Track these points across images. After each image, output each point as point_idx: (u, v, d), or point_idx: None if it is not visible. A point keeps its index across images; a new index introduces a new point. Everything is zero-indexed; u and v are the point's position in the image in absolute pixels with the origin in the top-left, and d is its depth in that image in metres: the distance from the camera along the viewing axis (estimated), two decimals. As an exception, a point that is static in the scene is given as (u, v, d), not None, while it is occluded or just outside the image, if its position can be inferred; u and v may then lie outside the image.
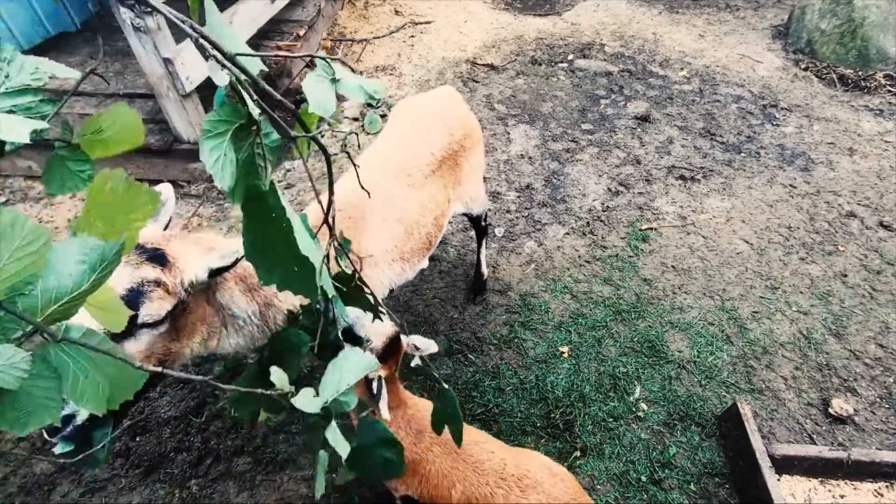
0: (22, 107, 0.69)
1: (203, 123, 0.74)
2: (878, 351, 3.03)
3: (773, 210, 3.97)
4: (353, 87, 0.91)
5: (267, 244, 0.84)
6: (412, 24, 6.46)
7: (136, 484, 2.43)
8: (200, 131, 0.73)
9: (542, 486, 1.77)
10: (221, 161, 0.74)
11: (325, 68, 0.89)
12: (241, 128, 0.77)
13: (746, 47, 6.01)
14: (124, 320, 0.78)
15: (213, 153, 0.74)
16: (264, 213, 0.82)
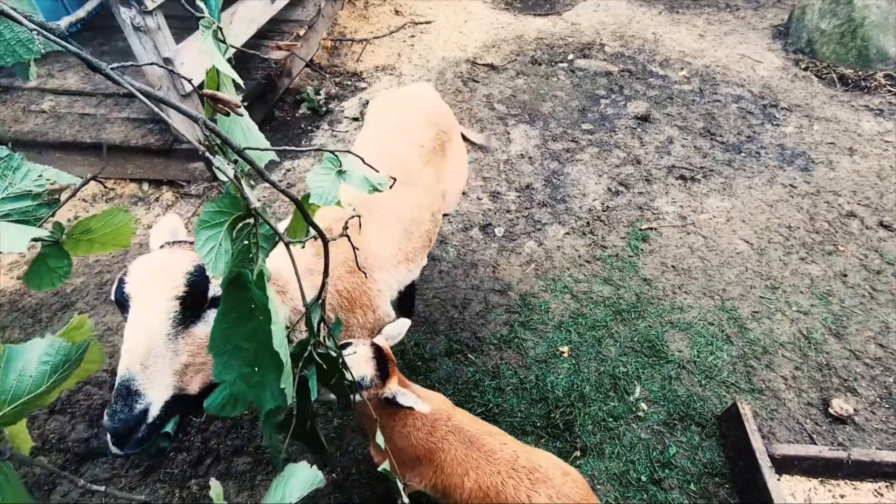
0: (19, 210, 0.71)
1: (202, 213, 0.75)
2: (878, 351, 3.03)
3: (773, 210, 3.97)
4: (359, 179, 0.91)
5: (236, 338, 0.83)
6: (412, 23, 6.46)
7: (136, 484, 2.43)
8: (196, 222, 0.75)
9: (553, 482, 1.76)
10: (216, 251, 0.75)
11: (332, 160, 0.90)
12: (238, 219, 0.78)
13: (746, 47, 6.01)
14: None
15: (208, 243, 0.75)
16: (244, 303, 0.81)
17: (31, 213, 0.72)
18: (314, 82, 5.29)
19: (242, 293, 0.81)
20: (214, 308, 1.31)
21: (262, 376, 0.83)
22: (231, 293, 0.81)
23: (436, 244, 3.67)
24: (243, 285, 0.80)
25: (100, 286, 3.30)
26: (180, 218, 3.79)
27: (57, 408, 2.68)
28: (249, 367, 0.83)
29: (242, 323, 0.81)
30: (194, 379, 1.27)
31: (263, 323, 0.79)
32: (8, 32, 0.69)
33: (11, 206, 0.70)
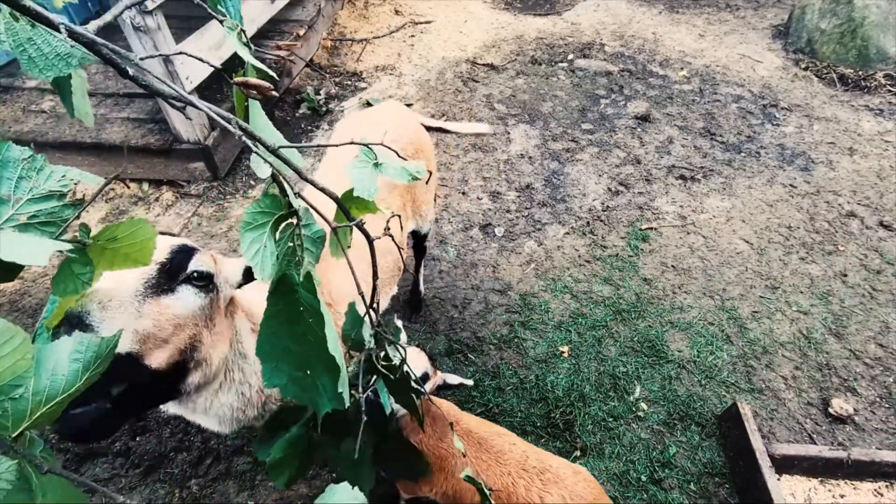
0: (45, 212, 0.70)
1: (244, 215, 0.75)
2: (878, 350, 3.03)
3: (773, 210, 3.97)
4: (396, 170, 0.91)
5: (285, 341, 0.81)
6: (412, 23, 6.46)
7: (136, 484, 2.43)
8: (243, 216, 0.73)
9: (565, 482, 1.75)
10: (262, 253, 0.75)
11: (367, 153, 0.90)
12: (281, 219, 0.78)
13: (746, 47, 6.00)
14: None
15: (254, 245, 0.74)
16: (292, 306, 0.80)
17: (57, 214, 0.71)
18: (314, 82, 5.29)
19: (290, 296, 0.80)
20: (191, 285, 1.27)
21: (314, 379, 0.81)
22: (278, 296, 0.80)
23: (435, 244, 3.68)
24: (290, 288, 0.79)
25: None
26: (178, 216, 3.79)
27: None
28: (301, 371, 0.81)
29: (291, 326, 0.81)
30: (153, 352, 1.18)
31: (314, 326, 0.78)
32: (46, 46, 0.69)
33: (37, 208, 0.70)
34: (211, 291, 1.33)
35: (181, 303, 1.25)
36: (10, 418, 0.59)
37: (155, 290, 1.19)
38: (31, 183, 0.70)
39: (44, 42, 0.68)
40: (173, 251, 1.25)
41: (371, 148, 0.90)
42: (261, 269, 0.74)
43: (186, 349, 1.27)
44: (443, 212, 3.93)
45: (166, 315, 1.21)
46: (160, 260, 1.21)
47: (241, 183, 4.15)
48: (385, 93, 5.22)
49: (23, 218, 0.68)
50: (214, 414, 1.51)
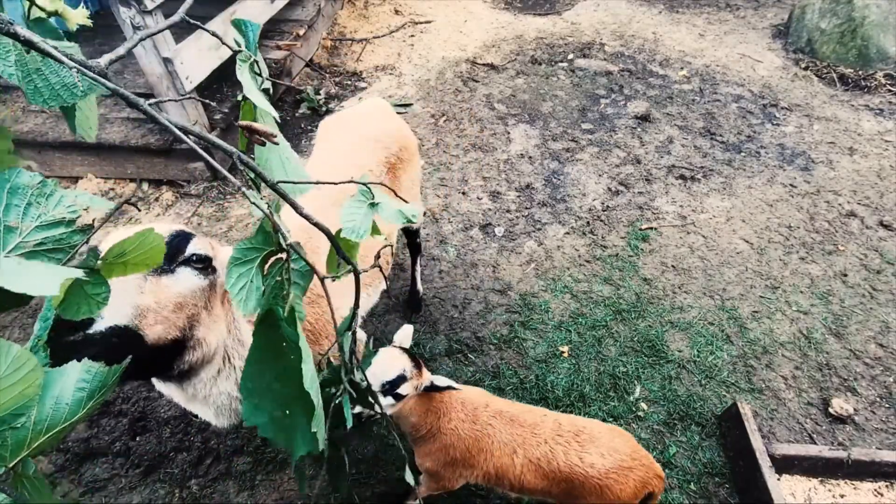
0: (52, 239, 0.69)
1: (233, 251, 0.75)
2: (878, 350, 3.03)
3: (773, 209, 3.97)
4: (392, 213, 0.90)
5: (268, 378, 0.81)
6: (412, 23, 6.46)
7: (136, 483, 2.43)
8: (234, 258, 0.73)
9: (601, 439, 1.83)
10: (247, 288, 0.75)
11: (365, 193, 0.89)
12: (270, 254, 0.78)
13: (746, 47, 6.00)
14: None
15: (240, 280, 0.75)
16: (275, 342, 0.80)
17: (65, 240, 0.70)
18: (314, 82, 5.29)
19: (273, 331, 0.80)
20: (189, 267, 1.32)
21: (293, 420, 0.81)
22: (262, 331, 0.81)
23: (436, 244, 3.68)
24: (274, 323, 0.80)
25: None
26: (178, 216, 3.79)
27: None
28: (280, 410, 0.81)
29: (274, 362, 0.81)
30: (152, 327, 1.23)
31: (295, 362, 0.78)
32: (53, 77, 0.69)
33: (45, 235, 0.69)
34: (210, 274, 1.38)
35: (181, 283, 1.30)
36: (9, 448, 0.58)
37: (155, 270, 1.24)
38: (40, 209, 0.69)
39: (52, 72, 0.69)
40: (171, 236, 1.30)
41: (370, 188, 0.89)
42: (244, 304, 0.75)
43: (185, 327, 1.32)
44: (443, 212, 3.93)
45: (167, 294, 1.27)
46: None
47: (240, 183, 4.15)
48: (385, 92, 5.22)
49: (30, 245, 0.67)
50: (213, 402, 1.55)
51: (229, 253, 1.41)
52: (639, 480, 1.78)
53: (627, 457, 1.80)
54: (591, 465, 1.77)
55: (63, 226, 0.71)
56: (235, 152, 0.74)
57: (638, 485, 1.78)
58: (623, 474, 1.77)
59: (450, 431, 1.87)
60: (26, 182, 0.69)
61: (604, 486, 1.76)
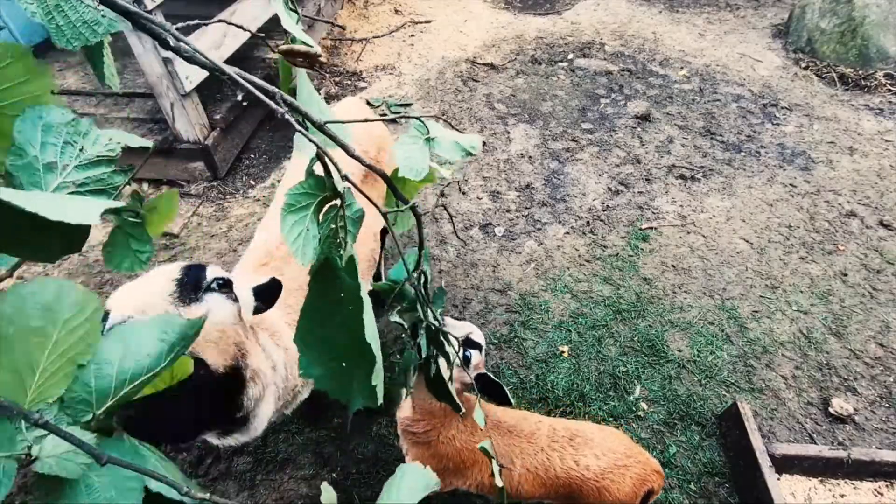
0: (94, 178, 0.68)
1: (286, 197, 0.70)
2: (879, 350, 3.03)
3: (774, 209, 3.97)
4: (449, 146, 0.85)
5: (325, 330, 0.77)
6: (412, 23, 6.46)
7: (136, 484, 2.43)
8: None
9: (594, 440, 1.83)
10: (303, 236, 0.71)
11: (420, 128, 0.85)
12: (324, 200, 0.73)
13: (746, 46, 6.00)
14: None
15: (295, 228, 0.70)
16: (332, 291, 0.76)
17: (107, 180, 0.69)
18: (314, 81, 5.28)
19: (331, 281, 0.76)
20: (215, 292, 1.27)
21: (351, 372, 0.78)
22: (319, 281, 0.76)
23: (436, 244, 3.67)
24: (332, 272, 0.75)
25: (99, 286, 3.30)
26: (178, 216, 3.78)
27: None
28: (337, 363, 0.78)
29: (331, 313, 0.77)
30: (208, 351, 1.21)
31: (354, 313, 0.73)
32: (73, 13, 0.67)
33: (87, 174, 0.67)
34: (237, 301, 1.34)
35: (215, 308, 1.26)
36: (94, 395, 0.57)
37: (181, 301, 1.20)
38: (78, 148, 0.67)
39: (71, 8, 0.67)
40: (183, 269, 1.26)
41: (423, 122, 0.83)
42: (301, 254, 0.70)
43: (237, 356, 1.28)
44: (443, 211, 3.93)
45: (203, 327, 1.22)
46: (175, 277, 1.22)
47: (240, 183, 4.15)
48: (385, 92, 5.22)
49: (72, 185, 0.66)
50: (261, 424, 1.55)
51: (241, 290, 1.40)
52: (636, 478, 1.78)
53: (622, 455, 1.80)
54: (586, 468, 1.77)
55: (103, 165, 0.69)
56: (278, 92, 0.69)
57: (636, 482, 1.78)
58: (620, 473, 1.77)
59: (447, 440, 1.84)
60: (58, 119, 0.67)
61: (601, 488, 1.75)
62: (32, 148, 0.64)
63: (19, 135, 0.64)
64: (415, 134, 0.84)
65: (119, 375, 0.59)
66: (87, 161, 0.68)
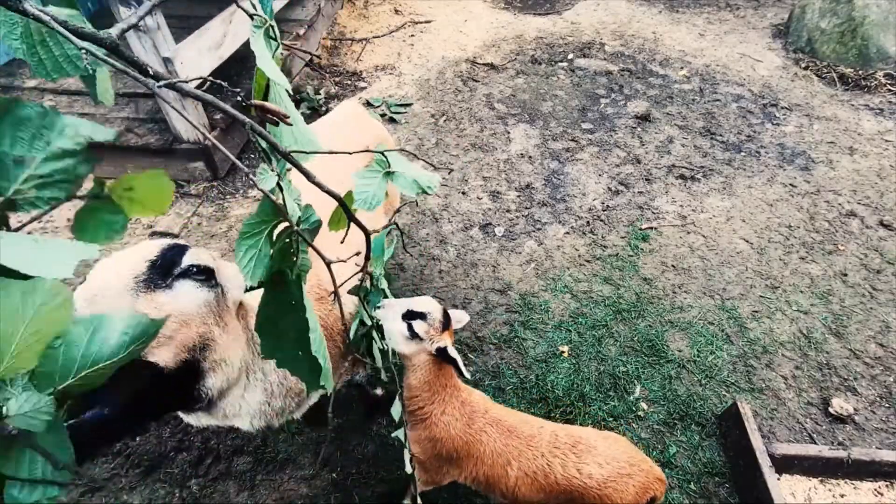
0: (60, 170, 0.71)
1: (242, 226, 0.76)
2: (879, 350, 3.03)
3: (774, 209, 3.97)
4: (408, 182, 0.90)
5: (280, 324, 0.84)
6: (412, 23, 6.46)
7: (136, 484, 2.43)
8: None
9: (598, 448, 1.82)
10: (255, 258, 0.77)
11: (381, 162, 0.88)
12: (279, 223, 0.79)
13: (746, 46, 6.00)
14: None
15: (249, 252, 0.76)
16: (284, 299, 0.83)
17: (72, 171, 0.72)
18: (314, 82, 5.29)
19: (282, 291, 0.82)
20: (189, 279, 1.22)
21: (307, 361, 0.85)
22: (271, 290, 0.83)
23: (436, 244, 3.67)
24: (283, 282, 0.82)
25: (100, 286, 3.29)
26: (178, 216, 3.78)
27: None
28: (294, 350, 0.85)
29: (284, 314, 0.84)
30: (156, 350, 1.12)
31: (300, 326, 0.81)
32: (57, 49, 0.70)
33: (52, 167, 0.70)
34: (215, 287, 1.28)
35: (182, 298, 1.20)
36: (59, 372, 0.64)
37: (147, 285, 1.15)
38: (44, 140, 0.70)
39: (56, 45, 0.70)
40: (163, 249, 1.22)
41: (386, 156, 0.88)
42: (251, 275, 0.76)
43: (196, 347, 1.21)
44: (443, 211, 3.93)
45: (164, 311, 1.15)
46: (150, 258, 1.18)
47: (240, 182, 4.15)
48: (385, 92, 5.22)
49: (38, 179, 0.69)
50: (246, 414, 1.52)
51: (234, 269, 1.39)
52: (639, 486, 1.77)
53: (625, 464, 1.78)
54: (589, 476, 1.75)
55: (69, 157, 0.71)
56: (248, 122, 0.74)
57: (638, 491, 1.77)
58: (622, 482, 1.75)
59: (441, 423, 1.84)
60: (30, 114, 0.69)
61: (603, 496, 1.74)
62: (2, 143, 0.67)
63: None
64: (375, 168, 0.89)
65: (82, 359, 0.66)
66: (54, 154, 0.71)
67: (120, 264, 1.17)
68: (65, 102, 4.07)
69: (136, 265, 1.16)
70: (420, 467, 1.99)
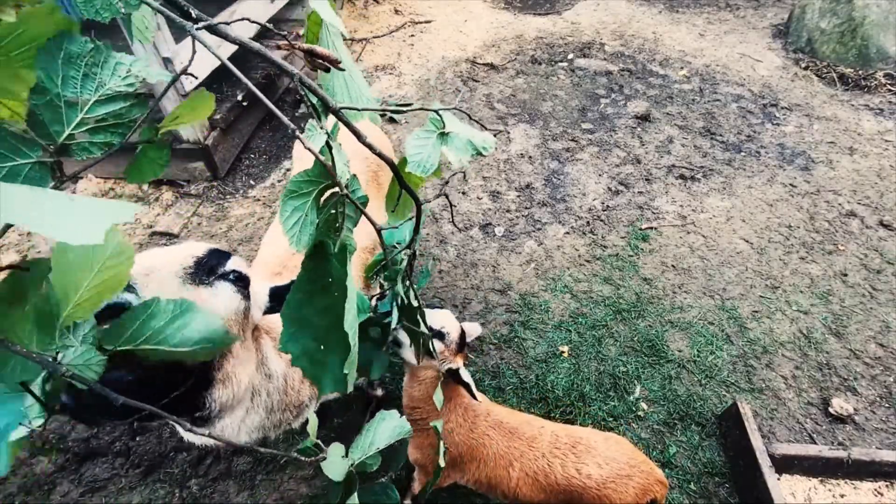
0: (113, 114, 0.68)
1: (289, 183, 0.71)
2: (879, 350, 3.03)
3: (774, 209, 3.97)
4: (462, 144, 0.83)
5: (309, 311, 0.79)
6: (412, 23, 6.46)
7: (136, 483, 2.43)
8: None
9: (597, 448, 1.82)
10: (301, 223, 0.71)
11: (435, 121, 0.82)
12: (327, 187, 0.73)
13: (746, 46, 6.00)
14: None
15: (294, 214, 0.70)
16: (322, 276, 0.77)
17: (126, 115, 0.69)
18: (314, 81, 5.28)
19: (322, 264, 0.76)
20: (228, 282, 1.24)
21: (326, 356, 0.79)
22: (310, 264, 0.77)
23: (436, 244, 3.67)
24: (324, 256, 0.76)
25: (100, 286, 3.29)
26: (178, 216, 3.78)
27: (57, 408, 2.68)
28: (315, 344, 0.79)
29: (317, 296, 0.78)
30: None
31: (338, 299, 0.75)
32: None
33: (105, 111, 0.67)
34: (246, 299, 1.30)
35: (219, 298, 1.22)
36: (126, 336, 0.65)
37: (193, 278, 1.18)
38: (97, 81, 0.67)
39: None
40: (209, 251, 1.25)
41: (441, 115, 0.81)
42: (297, 240, 0.71)
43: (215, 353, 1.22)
44: (442, 211, 3.93)
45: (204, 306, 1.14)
46: (197, 255, 1.21)
47: (240, 183, 4.15)
48: (385, 92, 5.22)
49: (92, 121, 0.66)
50: (245, 433, 1.51)
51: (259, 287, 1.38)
52: (638, 487, 1.77)
53: (625, 465, 1.79)
54: (588, 477, 1.76)
55: (122, 99, 0.69)
56: (297, 74, 0.68)
57: (638, 492, 1.77)
58: (622, 483, 1.76)
59: (446, 433, 1.86)
60: (79, 50, 0.65)
61: (602, 497, 1.75)
62: (54, 84, 0.63)
63: (41, 70, 0.62)
64: (429, 128, 0.82)
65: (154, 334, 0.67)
66: (106, 96, 0.68)
67: (170, 254, 1.20)
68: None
69: (185, 259, 1.19)
70: (421, 471, 1.99)
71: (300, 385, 1.65)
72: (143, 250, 3.60)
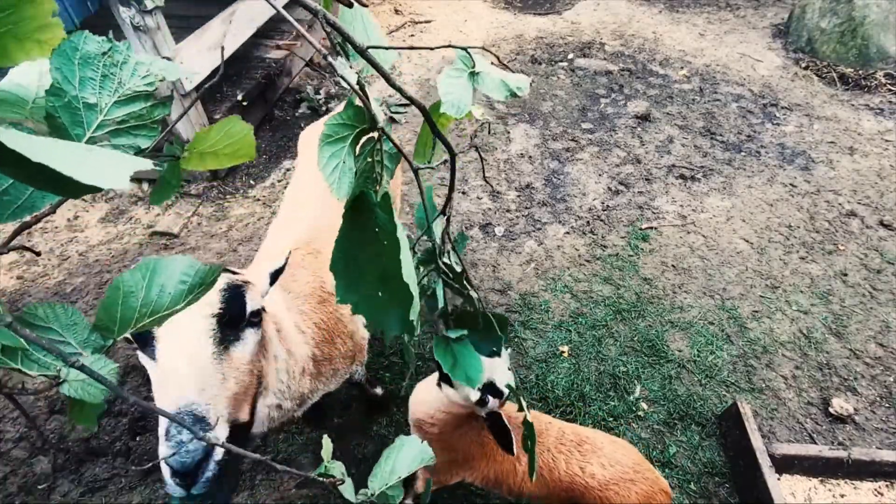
0: (134, 115, 0.66)
1: (325, 127, 0.68)
2: (879, 350, 3.03)
3: (774, 209, 3.97)
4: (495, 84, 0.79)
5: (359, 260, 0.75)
6: (412, 23, 6.45)
7: (136, 483, 2.43)
8: None
9: (603, 450, 1.82)
10: (340, 169, 0.68)
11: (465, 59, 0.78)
12: (362, 133, 0.70)
13: (747, 46, 6.00)
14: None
15: (332, 160, 0.68)
16: (367, 226, 0.73)
17: (147, 116, 0.67)
18: (314, 81, 5.29)
19: (365, 216, 0.73)
20: (251, 327, 1.22)
21: (387, 302, 0.75)
22: (352, 216, 0.74)
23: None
24: (367, 207, 0.73)
25: (99, 286, 3.30)
26: (178, 216, 3.78)
27: (57, 408, 2.68)
28: (373, 291, 0.75)
29: (365, 245, 0.74)
30: (242, 408, 1.15)
31: (389, 248, 0.71)
32: None
33: (126, 111, 0.65)
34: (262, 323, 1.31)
35: (249, 346, 1.22)
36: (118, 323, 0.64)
37: (224, 345, 1.14)
38: (115, 82, 0.65)
39: None
40: (224, 298, 1.18)
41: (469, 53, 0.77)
42: (337, 188, 0.68)
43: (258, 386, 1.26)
44: (443, 211, 3.93)
45: (242, 367, 1.17)
46: (214, 312, 1.15)
47: (240, 182, 4.15)
48: (384, 92, 5.22)
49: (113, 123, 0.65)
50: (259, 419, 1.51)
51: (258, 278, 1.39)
52: (642, 494, 1.76)
53: (630, 469, 1.78)
54: (591, 476, 1.76)
55: (142, 100, 0.67)
56: (321, 10, 0.65)
57: (641, 498, 1.76)
58: (625, 486, 1.75)
59: (456, 436, 1.86)
60: (96, 50, 0.64)
61: (604, 498, 1.75)
62: (71, 86, 0.62)
63: (57, 72, 0.61)
64: (459, 67, 0.78)
65: (142, 308, 0.65)
66: (126, 96, 0.66)
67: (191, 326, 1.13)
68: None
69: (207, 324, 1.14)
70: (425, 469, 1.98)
71: (300, 376, 1.66)
72: (144, 250, 3.60)
